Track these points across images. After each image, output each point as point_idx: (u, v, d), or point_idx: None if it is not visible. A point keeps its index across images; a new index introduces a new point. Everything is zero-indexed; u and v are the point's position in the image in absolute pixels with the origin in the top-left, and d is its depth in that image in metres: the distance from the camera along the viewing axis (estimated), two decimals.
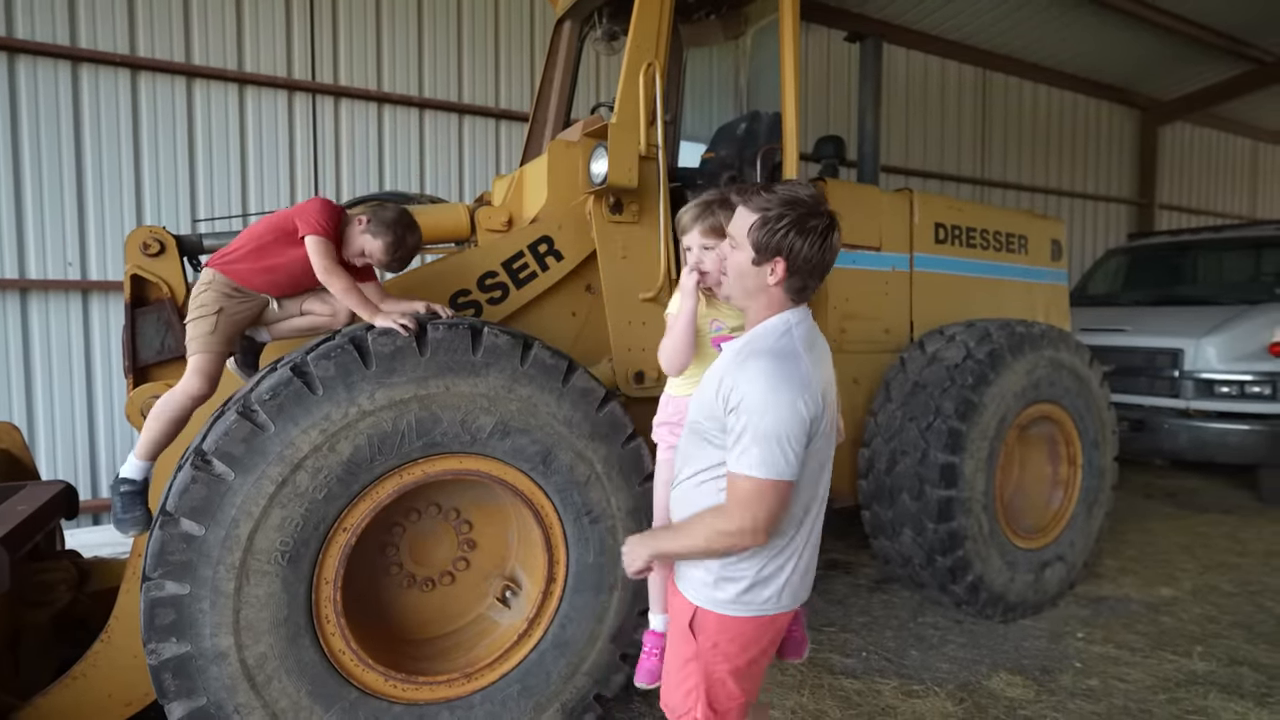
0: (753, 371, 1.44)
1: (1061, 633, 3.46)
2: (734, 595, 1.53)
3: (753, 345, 1.51)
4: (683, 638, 1.59)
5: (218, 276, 2.28)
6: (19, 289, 4.70)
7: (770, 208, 1.48)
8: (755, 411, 1.40)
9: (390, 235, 2.30)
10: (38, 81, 4.71)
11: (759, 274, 1.51)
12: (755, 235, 1.49)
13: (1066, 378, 3.72)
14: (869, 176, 4.31)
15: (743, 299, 1.58)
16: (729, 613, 1.53)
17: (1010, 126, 9.57)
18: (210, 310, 2.25)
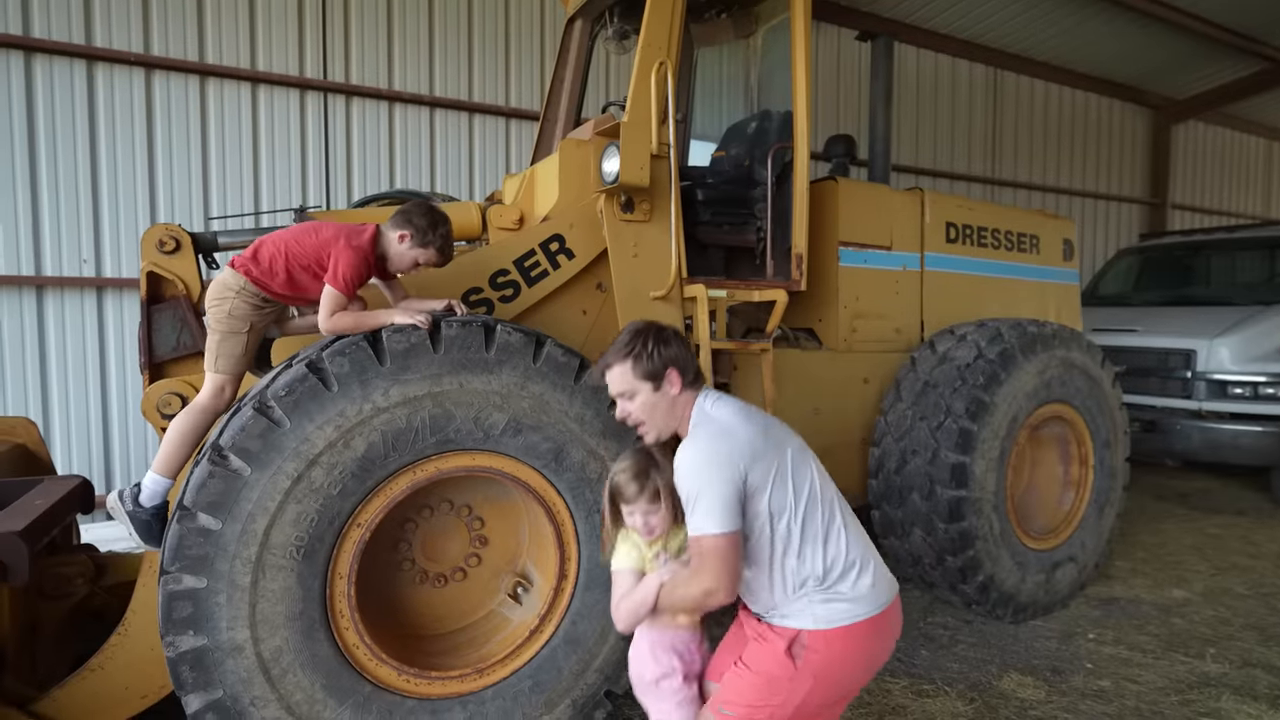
0: (686, 446, 1.69)
1: (1072, 633, 3.45)
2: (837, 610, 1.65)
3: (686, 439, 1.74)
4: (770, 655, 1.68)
5: (247, 286, 2.23)
6: (35, 286, 4.75)
7: (631, 349, 1.74)
8: (693, 477, 1.63)
9: (437, 240, 2.29)
10: (54, 80, 4.76)
11: (664, 395, 1.75)
12: (638, 372, 1.74)
13: (1078, 378, 3.70)
14: (880, 175, 4.31)
15: (667, 424, 1.79)
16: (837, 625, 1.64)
17: (1021, 126, 9.52)
18: (242, 328, 2.24)
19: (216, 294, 2.26)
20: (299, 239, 2.26)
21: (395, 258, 2.32)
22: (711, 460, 1.63)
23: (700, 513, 1.60)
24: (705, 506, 1.60)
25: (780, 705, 1.65)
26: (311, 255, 2.24)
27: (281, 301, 2.34)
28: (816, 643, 1.64)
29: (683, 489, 1.65)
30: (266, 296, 2.27)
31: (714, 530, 1.59)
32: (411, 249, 2.29)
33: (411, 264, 2.33)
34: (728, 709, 1.70)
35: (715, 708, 1.74)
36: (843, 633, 1.64)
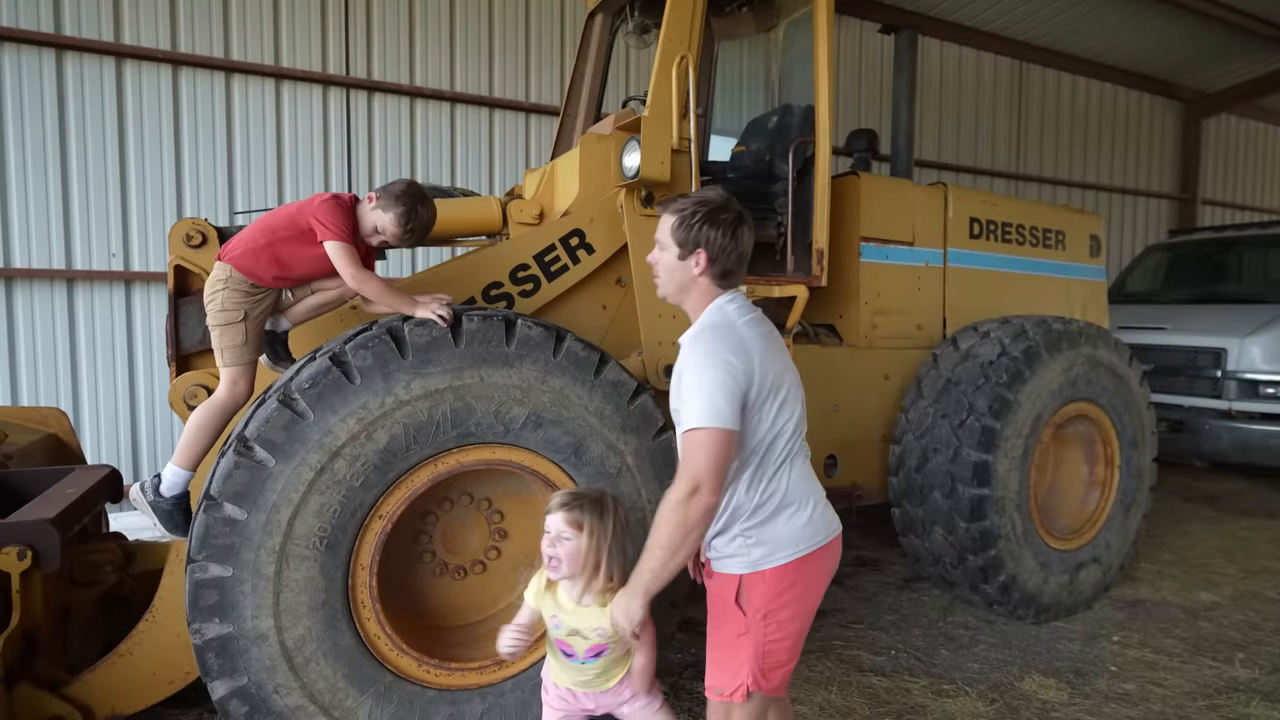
0: (692, 342, 1.67)
1: (1096, 635, 3.40)
2: (755, 549, 1.67)
3: (694, 329, 1.72)
4: (729, 615, 1.69)
5: (234, 274, 2.24)
6: (65, 279, 4.85)
7: (685, 208, 1.71)
8: (698, 370, 1.59)
9: (401, 206, 2.24)
10: (84, 78, 4.84)
11: (685, 267, 1.72)
12: (676, 233, 1.71)
13: (1105, 376, 3.64)
14: (902, 170, 4.27)
15: (677, 294, 1.77)
16: (759, 567, 1.66)
17: (1047, 120, 9.36)
18: (236, 318, 2.24)
19: (209, 290, 2.28)
20: (271, 214, 2.31)
21: (360, 218, 2.29)
22: (719, 358, 1.59)
23: (697, 405, 1.55)
24: (703, 399, 1.55)
25: (752, 654, 1.66)
26: (287, 222, 2.25)
27: (268, 284, 2.30)
28: (757, 584, 1.66)
29: (683, 382, 1.62)
30: (254, 284, 2.27)
31: (707, 423, 1.54)
32: (373, 209, 2.27)
33: (371, 229, 2.28)
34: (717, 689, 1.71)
35: (708, 690, 1.74)
36: (776, 572, 1.66)
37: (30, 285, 4.77)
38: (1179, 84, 10.16)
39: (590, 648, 1.80)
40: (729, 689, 1.68)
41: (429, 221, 2.34)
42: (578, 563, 1.75)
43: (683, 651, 3.16)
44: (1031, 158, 9.26)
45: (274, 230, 2.25)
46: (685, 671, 2.99)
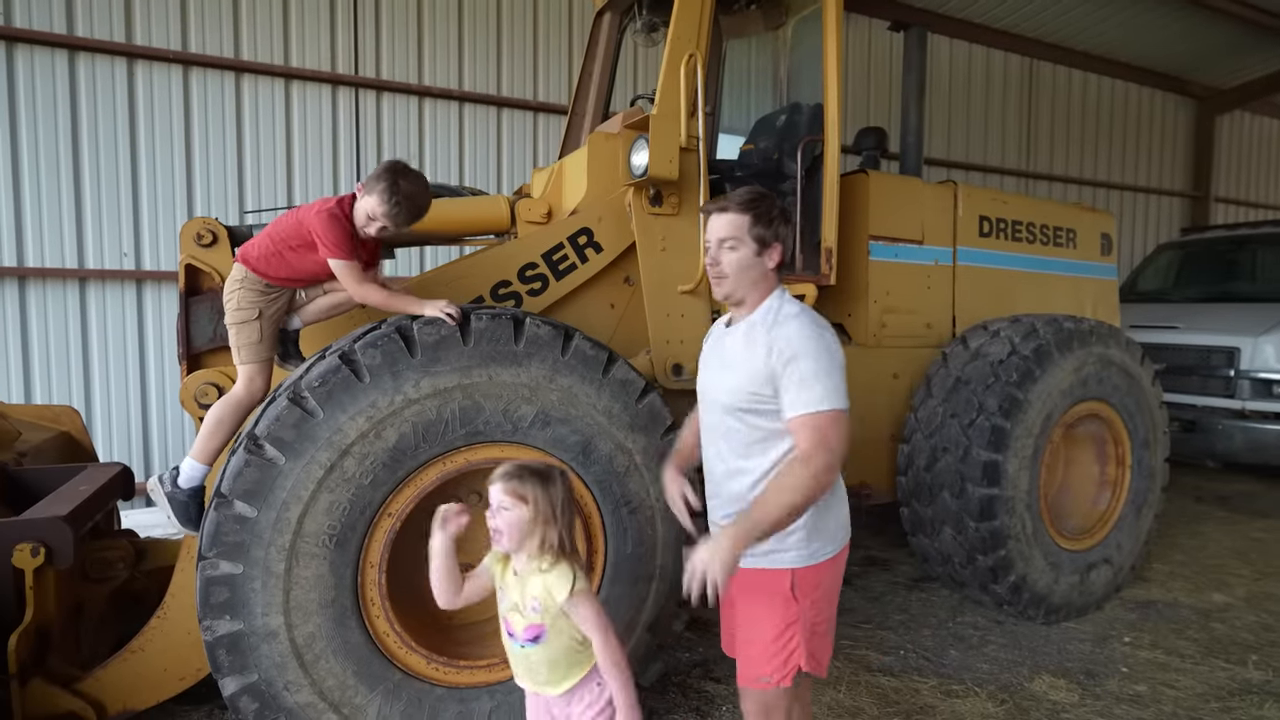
0: (795, 326, 1.65)
1: (1107, 636, 3.38)
2: (810, 543, 1.70)
3: (776, 315, 1.70)
4: (776, 607, 1.70)
5: (249, 275, 2.28)
6: (78, 279, 4.89)
7: (758, 205, 1.72)
8: (818, 355, 1.60)
9: (381, 183, 2.18)
10: (96, 78, 4.88)
11: (760, 263, 1.73)
12: (754, 230, 1.71)
13: (1116, 375, 3.61)
14: (912, 169, 4.24)
15: (744, 290, 1.76)
16: (813, 560, 1.70)
17: (1058, 117, 9.30)
18: (251, 316, 2.28)
19: (226, 290, 2.33)
20: (281, 221, 2.31)
21: (356, 213, 2.24)
22: (830, 342, 1.64)
23: (823, 387, 1.58)
24: (831, 383, 1.58)
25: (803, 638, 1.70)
26: (292, 232, 2.27)
27: (281, 285, 2.33)
28: (809, 576, 1.71)
29: (800, 363, 1.60)
30: (268, 283, 2.30)
31: (840, 405, 1.58)
32: (362, 198, 2.23)
33: (365, 218, 2.22)
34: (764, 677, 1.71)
35: (752, 680, 1.73)
36: (827, 565, 1.74)
37: (44, 284, 4.81)
38: (1192, 80, 10.06)
39: (527, 628, 1.71)
40: (777, 675, 1.70)
41: (416, 195, 2.25)
42: (519, 535, 1.68)
43: (690, 650, 3.15)
44: (1042, 155, 9.20)
45: (282, 239, 2.27)
46: (693, 670, 2.98)
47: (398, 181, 2.19)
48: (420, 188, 2.26)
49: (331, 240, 2.18)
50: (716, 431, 1.79)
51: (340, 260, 2.20)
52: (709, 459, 1.85)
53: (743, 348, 1.71)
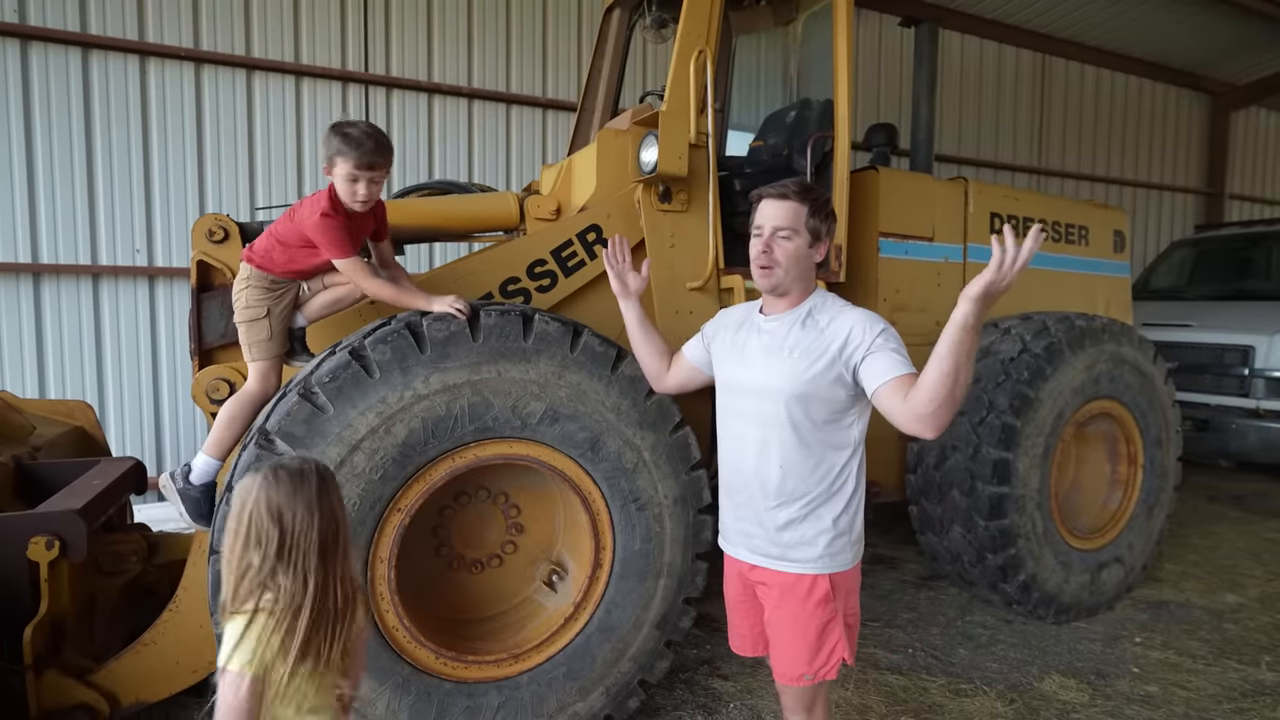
0: (866, 311, 1.74)
1: (1118, 636, 3.35)
2: (851, 548, 1.77)
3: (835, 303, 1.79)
4: (815, 609, 1.73)
5: (254, 272, 2.29)
6: (91, 275, 4.93)
7: (816, 197, 1.74)
8: (893, 331, 1.69)
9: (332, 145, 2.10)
10: (109, 76, 4.91)
11: (811, 255, 1.77)
12: (810, 221, 1.74)
13: (1129, 374, 3.58)
14: (922, 165, 4.22)
15: (794, 282, 1.78)
16: (853, 564, 1.78)
17: (1070, 113, 9.21)
18: (260, 314, 2.28)
19: (235, 289, 2.33)
20: (282, 222, 2.30)
21: (343, 193, 2.15)
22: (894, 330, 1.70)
23: (901, 354, 1.64)
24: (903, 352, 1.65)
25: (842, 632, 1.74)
26: (294, 234, 2.26)
27: (286, 278, 2.33)
28: (845, 580, 1.77)
29: (889, 335, 1.67)
30: (275, 279, 2.31)
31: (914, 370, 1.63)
32: (332, 172, 2.13)
33: (348, 188, 2.12)
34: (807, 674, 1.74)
35: (795, 679, 1.75)
36: (856, 570, 1.81)
37: (57, 281, 4.85)
38: (1207, 76, 9.95)
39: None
40: (821, 669, 1.73)
41: (361, 125, 2.13)
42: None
43: (697, 648, 3.16)
44: (1054, 152, 9.12)
45: (284, 240, 2.27)
46: (700, 668, 2.99)
47: (341, 130, 2.10)
48: (367, 131, 2.14)
49: (330, 242, 2.16)
50: (757, 420, 1.77)
51: (344, 260, 2.19)
52: (734, 449, 1.84)
53: (801, 336, 1.73)
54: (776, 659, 1.81)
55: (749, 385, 1.80)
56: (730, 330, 1.92)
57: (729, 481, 1.88)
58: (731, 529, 1.89)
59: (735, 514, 1.86)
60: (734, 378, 1.86)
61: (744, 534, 1.84)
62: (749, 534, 1.82)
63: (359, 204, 2.17)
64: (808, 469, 1.72)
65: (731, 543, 1.90)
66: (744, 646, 1.96)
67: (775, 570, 1.77)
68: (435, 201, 3.20)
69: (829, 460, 1.73)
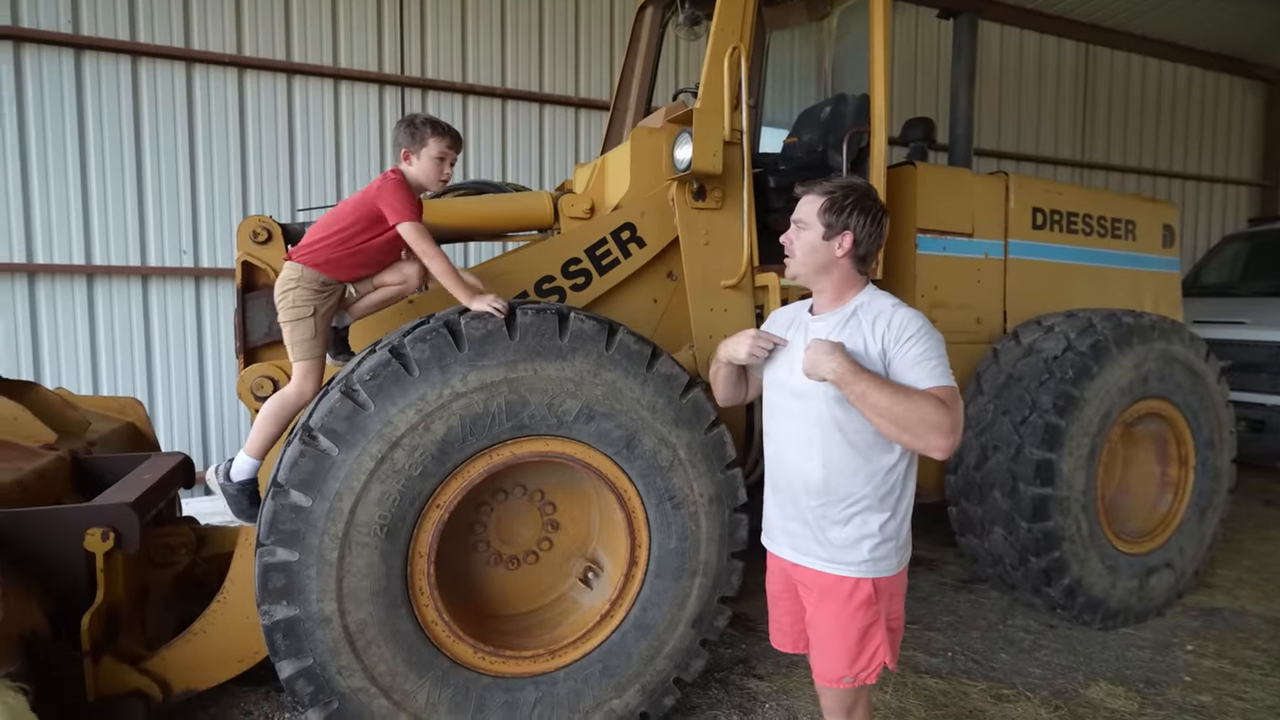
0: (907, 312, 1.71)
1: (1169, 644, 3.25)
2: (898, 554, 1.74)
3: (883, 302, 1.75)
4: (862, 609, 1.71)
5: (306, 271, 2.30)
6: (141, 275, 5.10)
7: (836, 191, 1.75)
8: (930, 337, 1.66)
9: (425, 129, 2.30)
10: (156, 83, 5.07)
11: (828, 248, 1.76)
12: (825, 215, 1.75)
13: (1179, 373, 3.46)
14: (961, 160, 4.14)
15: (813, 274, 1.81)
16: (899, 569, 1.76)
17: (1115, 105, 8.94)
18: (306, 314, 2.31)
19: (280, 288, 2.35)
20: (332, 213, 2.38)
21: (424, 174, 2.34)
22: (938, 334, 1.70)
23: (943, 365, 1.65)
24: (945, 363, 1.65)
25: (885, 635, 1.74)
26: (352, 214, 2.32)
27: (336, 277, 2.36)
28: (890, 584, 1.75)
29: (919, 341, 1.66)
30: (326, 279, 2.33)
31: (955, 386, 1.64)
32: (420, 153, 2.32)
33: (436, 165, 2.33)
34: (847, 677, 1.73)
35: (835, 681, 1.74)
36: (901, 575, 1.79)
37: (109, 282, 5.03)
38: (1261, 63, 9.58)
39: None
40: (861, 672, 1.72)
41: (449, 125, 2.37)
42: None
43: (733, 647, 3.14)
44: (1099, 145, 8.87)
45: (342, 224, 2.31)
46: (736, 667, 2.97)
47: (426, 119, 2.34)
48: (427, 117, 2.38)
49: (401, 204, 2.25)
50: (802, 419, 1.77)
51: (409, 224, 2.25)
52: (779, 447, 1.85)
53: (845, 336, 1.72)
54: (817, 659, 1.80)
55: (794, 384, 1.79)
56: (779, 330, 1.94)
57: (774, 479, 1.89)
58: (776, 527, 1.89)
59: (780, 512, 1.87)
60: (780, 377, 1.86)
61: (788, 532, 1.83)
62: (792, 532, 1.82)
63: (439, 183, 2.37)
64: (852, 470, 1.71)
65: (775, 540, 1.90)
66: (784, 642, 1.95)
67: (817, 571, 1.76)
68: (470, 201, 3.24)
69: (876, 463, 1.71)
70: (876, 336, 1.69)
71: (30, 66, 4.77)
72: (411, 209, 2.27)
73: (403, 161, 2.35)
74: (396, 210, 2.25)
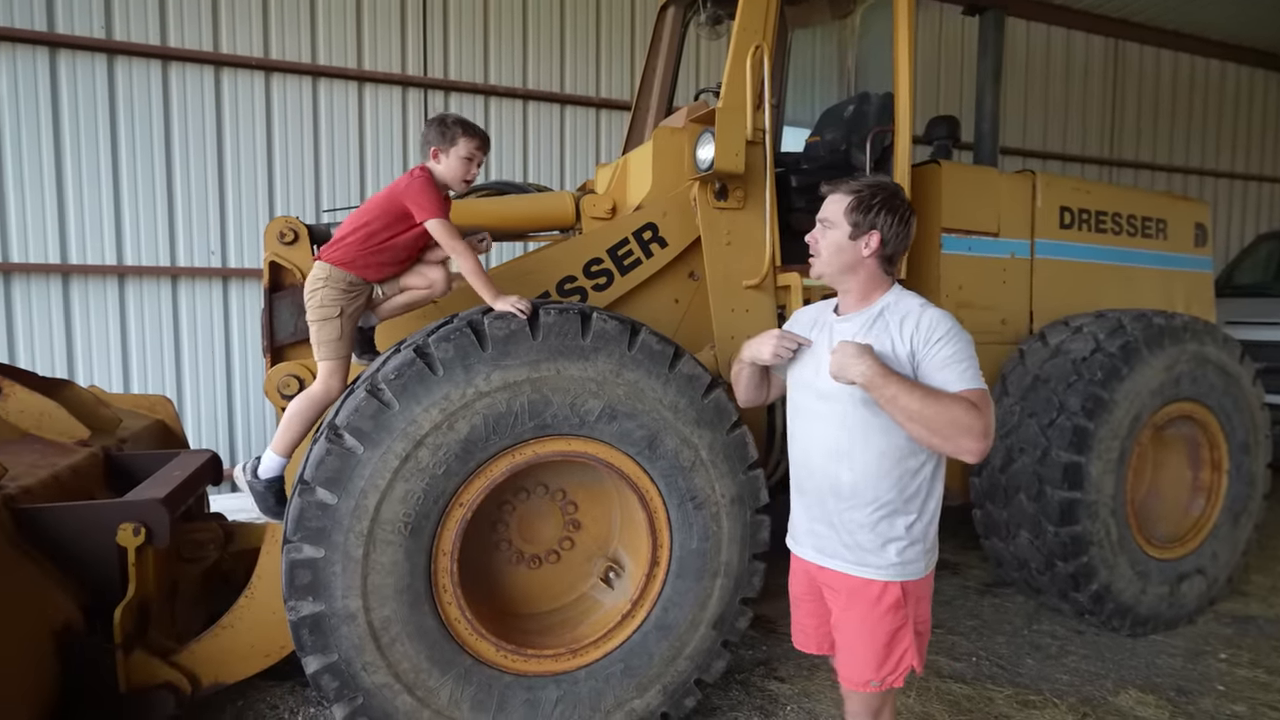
0: (936, 313, 1.67)
1: (1201, 652, 3.18)
2: (925, 557, 1.72)
3: (910, 302, 1.73)
4: (890, 612, 1.69)
5: (334, 271, 2.33)
6: (170, 276, 5.20)
7: (863, 191, 1.73)
8: (960, 338, 1.64)
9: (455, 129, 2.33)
10: (186, 87, 5.16)
11: (854, 248, 1.73)
12: (852, 214, 1.72)
13: (1212, 374, 3.39)
14: (986, 158, 4.07)
15: (838, 274, 1.78)
16: (926, 573, 1.74)
17: (1145, 101, 8.77)
18: (333, 314, 2.34)
19: (308, 287, 2.38)
20: (361, 210, 2.40)
21: (450, 174, 2.36)
22: (968, 335, 1.67)
23: (974, 368, 1.62)
24: (975, 365, 1.63)
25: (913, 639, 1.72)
26: (379, 211, 2.34)
27: (371, 278, 2.39)
28: (918, 587, 1.73)
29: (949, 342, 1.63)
30: (353, 279, 2.35)
31: (986, 389, 1.62)
32: (449, 153, 2.34)
33: (463, 165, 2.36)
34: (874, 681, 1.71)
35: (861, 685, 1.73)
36: (929, 578, 1.77)
37: (140, 282, 5.13)
38: None
39: None
40: (889, 675, 1.71)
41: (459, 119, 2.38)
42: None
43: (754, 649, 3.13)
44: (1128, 142, 8.71)
45: (369, 221, 2.33)
46: (757, 669, 2.96)
47: (457, 119, 2.38)
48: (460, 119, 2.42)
49: (429, 201, 2.27)
50: (828, 421, 1.75)
51: (437, 220, 2.27)
52: (804, 450, 1.83)
53: (871, 337, 1.69)
54: (842, 663, 1.78)
55: (820, 386, 1.77)
56: (803, 330, 1.91)
57: (800, 482, 1.87)
58: (802, 529, 1.87)
59: (806, 514, 1.85)
60: (805, 378, 1.84)
61: (813, 534, 1.82)
62: (819, 534, 1.80)
63: (464, 182, 2.40)
64: (880, 473, 1.69)
65: (800, 543, 1.88)
66: (807, 643, 1.94)
67: (844, 574, 1.74)
68: (492, 202, 3.25)
69: (904, 465, 1.69)
70: (905, 337, 1.66)
71: (65, 71, 4.88)
72: (439, 206, 2.29)
73: (431, 160, 2.37)
74: (424, 207, 2.27)
